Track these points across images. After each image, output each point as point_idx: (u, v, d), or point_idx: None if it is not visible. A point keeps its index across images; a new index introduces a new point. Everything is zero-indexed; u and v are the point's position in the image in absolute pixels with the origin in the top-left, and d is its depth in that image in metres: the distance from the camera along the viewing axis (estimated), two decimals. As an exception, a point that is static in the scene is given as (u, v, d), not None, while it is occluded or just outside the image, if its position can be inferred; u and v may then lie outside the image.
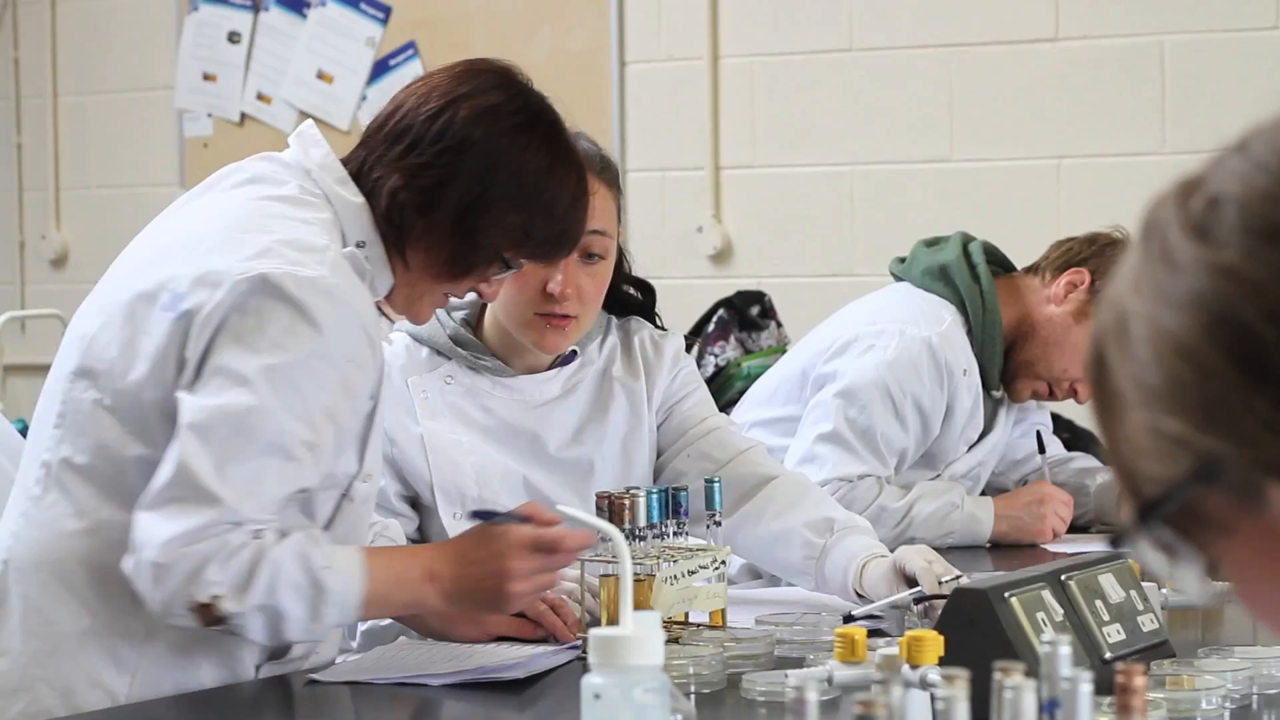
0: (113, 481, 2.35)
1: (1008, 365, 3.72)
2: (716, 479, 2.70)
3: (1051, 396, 3.76)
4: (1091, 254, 3.69)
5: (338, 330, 2.31)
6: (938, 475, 3.66)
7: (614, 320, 3.04)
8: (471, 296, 2.90)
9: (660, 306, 3.11)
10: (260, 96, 6.02)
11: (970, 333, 3.65)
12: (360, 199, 2.43)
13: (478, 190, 2.43)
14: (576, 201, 2.51)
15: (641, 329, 3.04)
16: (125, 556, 2.26)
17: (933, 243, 3.78)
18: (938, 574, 2.61)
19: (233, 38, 6.06)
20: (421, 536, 2.89)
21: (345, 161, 2.48)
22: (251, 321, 2.28)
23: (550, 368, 2.96)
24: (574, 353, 2.95)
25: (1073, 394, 3.72)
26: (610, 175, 2.92)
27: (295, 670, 2.46)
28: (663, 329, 3.07)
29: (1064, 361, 3.67)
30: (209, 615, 2.25)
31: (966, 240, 3.74)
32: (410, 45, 5.87)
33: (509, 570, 2.36)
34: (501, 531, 2.39)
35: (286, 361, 2.27)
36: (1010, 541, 3.58)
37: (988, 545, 3.58)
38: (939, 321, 3.62)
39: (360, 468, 2.42)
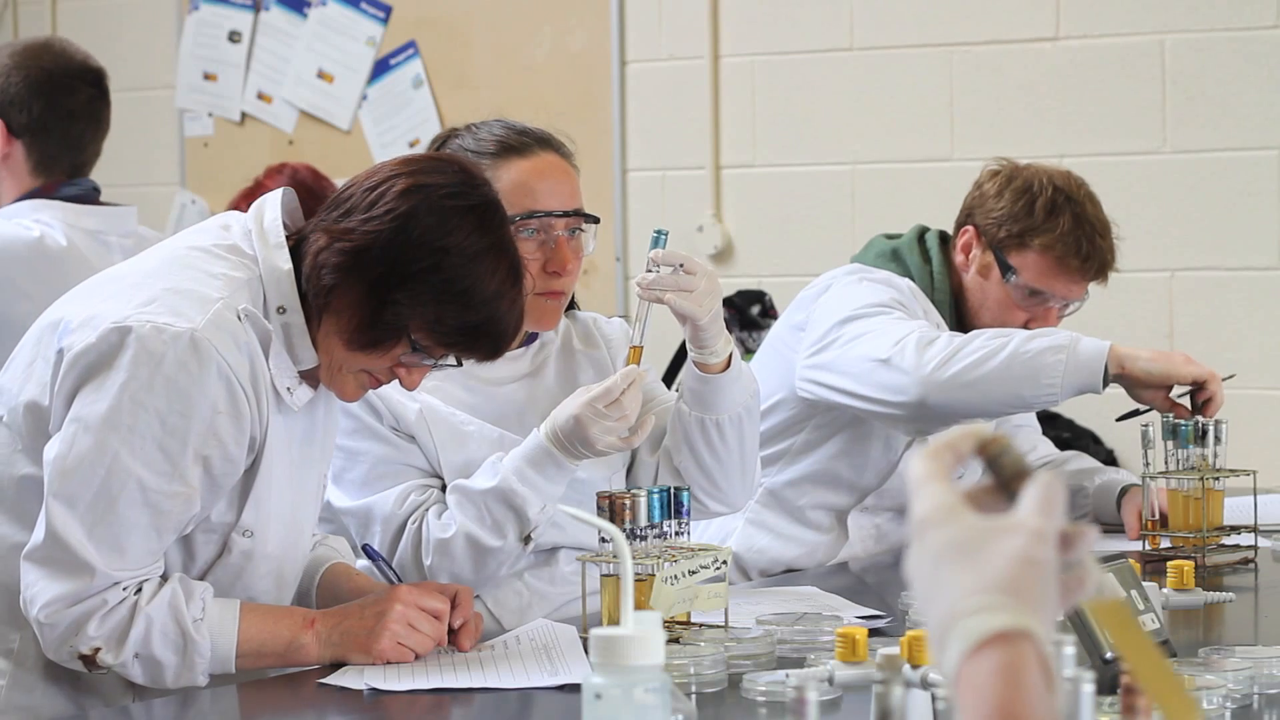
0: (5, 497, 2.46)
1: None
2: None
3: None
4: (969, 206, 3.65)
5: (199, 382, 2.35)
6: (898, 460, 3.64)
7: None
8: None
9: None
10: (261, 96, 6.02)
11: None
12: (288, 265, 2.43)
13: (395, 260, 2.38)
14: (500, 298, 2.40)
15: (586, 314, 3.12)
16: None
17: (893, 237, 3.80)
18: None
19: (233, 37, 6.06)
20: None
21: (297, 230, 2.48)
22: (112, 374, 2.35)
23: (517, 348, 3.01)
24: (534, 334, 3.01)
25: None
26: (570, 154, 2.98)
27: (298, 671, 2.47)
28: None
29: (998, 318, 3.61)
30: (93, 664, 2.39)
31: (923, 230, 3.77)
32: (410, 45, 5.87)
33: (390, 611, 2.44)
34: (393, 589, 2.50)
35: (143, 417, 2.35)
36: None
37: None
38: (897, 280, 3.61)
39: (238, 520, 2.47)
